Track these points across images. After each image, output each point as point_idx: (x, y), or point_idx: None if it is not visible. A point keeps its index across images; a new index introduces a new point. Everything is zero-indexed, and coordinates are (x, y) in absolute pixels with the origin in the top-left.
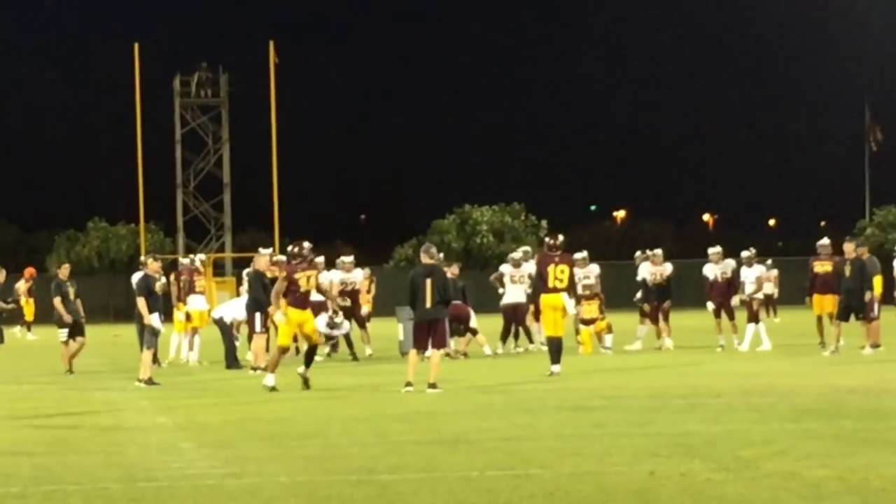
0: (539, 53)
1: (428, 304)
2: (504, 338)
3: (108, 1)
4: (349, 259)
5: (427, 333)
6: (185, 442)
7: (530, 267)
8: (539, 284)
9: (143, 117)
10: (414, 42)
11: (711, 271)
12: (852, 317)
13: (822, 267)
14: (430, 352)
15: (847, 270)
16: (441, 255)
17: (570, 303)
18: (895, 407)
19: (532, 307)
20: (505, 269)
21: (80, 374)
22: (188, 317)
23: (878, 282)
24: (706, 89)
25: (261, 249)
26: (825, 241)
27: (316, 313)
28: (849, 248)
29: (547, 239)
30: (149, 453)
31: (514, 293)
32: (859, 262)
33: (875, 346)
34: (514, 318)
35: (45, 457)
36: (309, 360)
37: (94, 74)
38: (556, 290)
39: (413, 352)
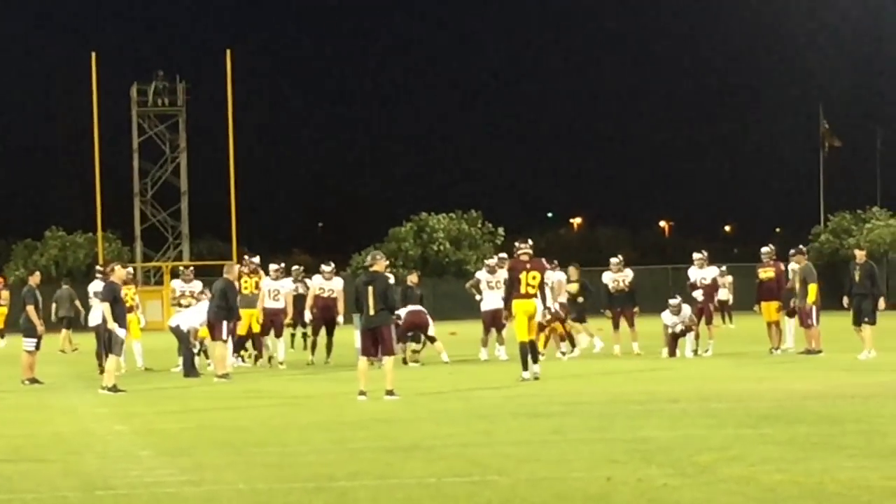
0: (495, 62)
1: (371, 312)
2: (485, 343)
3: (64, 9)
4: (329, 268)
5: (373, 341)
6: (143, 450)
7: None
8: (510, 289)
9: (100, 126)
10: (371, 50)
11: (693, 275)
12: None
13: (765, 273)
14: (384, 360)
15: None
16: (383, 260)
17: (540, 309)
18: (850, 411)
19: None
20: (481, 275)
21: (38, 383)
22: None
23: (813, 289)
24: (662, 96)
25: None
26: (767, 248)
27: (272, 320)
28: (859, 254)
29: (517, 244)
30: (107, 461)
31: (492, 299)
32: (868, 266)
33: (815, 351)
34: (494, 324)
35: (3, 465)
36: None
37: (50, 83)
38: (528, 295)
39: (363, 360)
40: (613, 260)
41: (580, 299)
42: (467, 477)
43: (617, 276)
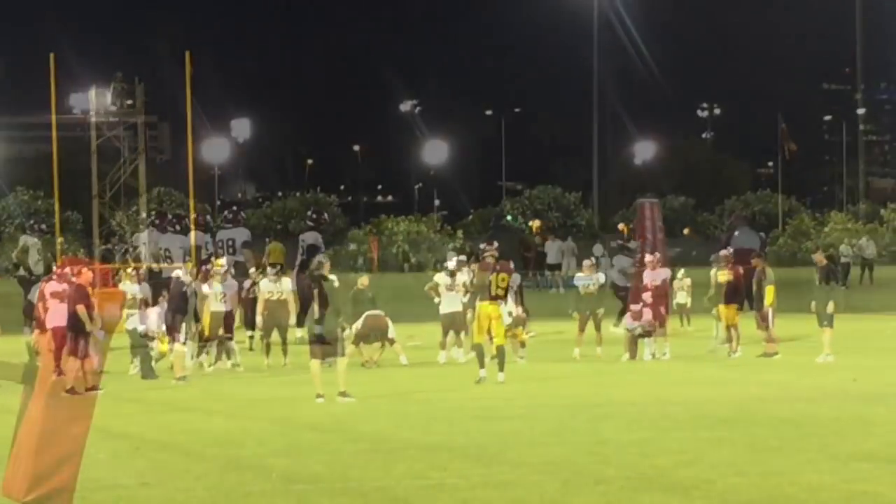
0: (449, 64)
1: (315, 316)
2: (444, 346)
3: (23, 11)
4: (273, 271)
5: (319, 346)
6: (100, 452)
7: (464, 276)
8: (480, 291)
9: (58, 128)
10: (329, 50)
11: (647, 278)
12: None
13: (722, 276)
14: (338, 361)
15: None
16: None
17: (506, 313)
18: (808, 415)
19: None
20: (440, 278)
21: None
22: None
23: (770, 292)
24: (621, 98)
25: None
26: (725, 251)
27: (222, 323)
28: (818, 257)
29: (482, 246)
30: None
31: (450, 302)
32: (827, 268)
33: (772, 354)
34: (453, 327)
35: None
36: None
37: (8, 84)
38: (497, 297)
39: (315, 362)
40: (586, 262)
41: None
42: (426, 479)
43: (588, 279)
